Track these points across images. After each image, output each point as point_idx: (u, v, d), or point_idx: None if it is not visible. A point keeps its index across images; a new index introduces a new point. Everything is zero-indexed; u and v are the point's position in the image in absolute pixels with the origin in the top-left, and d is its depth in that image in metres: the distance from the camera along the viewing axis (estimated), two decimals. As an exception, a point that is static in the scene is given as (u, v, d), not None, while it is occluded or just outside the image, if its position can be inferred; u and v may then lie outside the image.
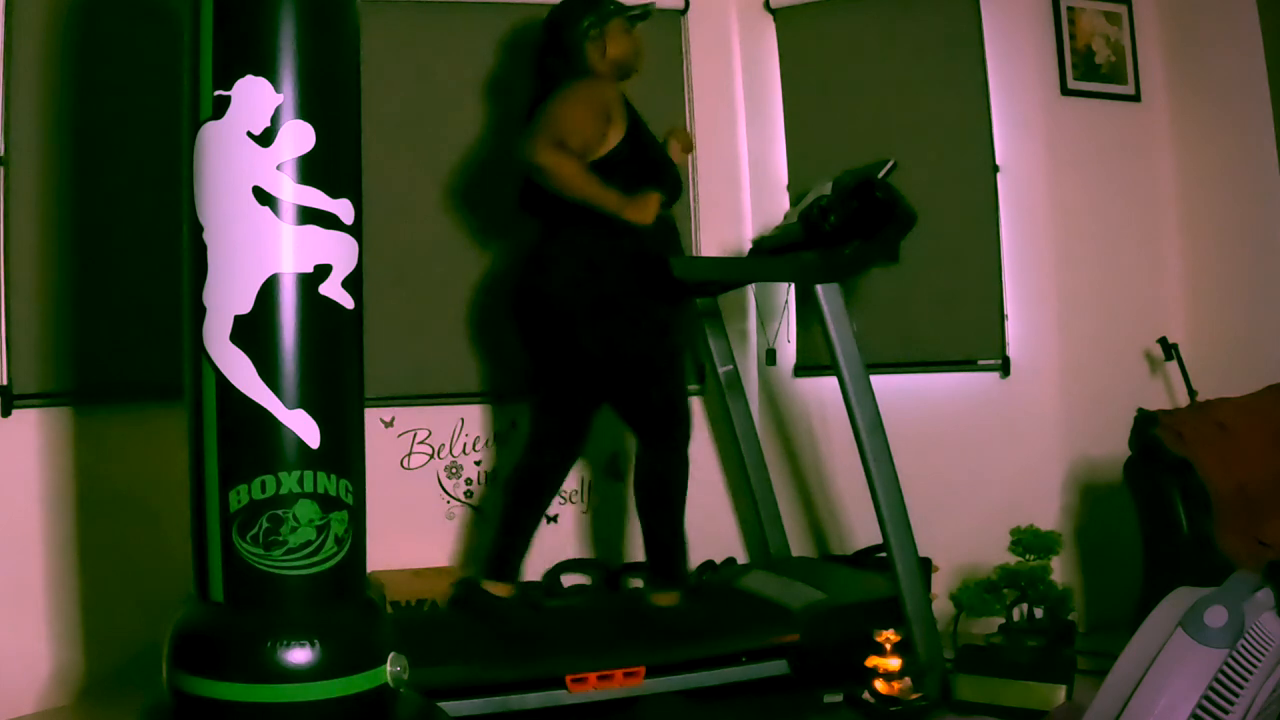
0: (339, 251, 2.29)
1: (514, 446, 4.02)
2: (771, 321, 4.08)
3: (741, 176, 4.31)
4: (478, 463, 4.00)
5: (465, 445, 3.99)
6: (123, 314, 3.49)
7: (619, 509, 4.04)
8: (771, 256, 3.53)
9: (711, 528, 4.13)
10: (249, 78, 2.22)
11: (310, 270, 2.25)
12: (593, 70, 3.30)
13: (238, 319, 2.22)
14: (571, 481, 3.92)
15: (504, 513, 3.37)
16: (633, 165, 3.23)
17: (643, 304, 3.24)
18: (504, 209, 3.58)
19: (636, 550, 3.95)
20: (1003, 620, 3.20)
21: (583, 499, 4.05)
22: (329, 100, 2.31)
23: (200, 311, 2.25)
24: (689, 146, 3.68)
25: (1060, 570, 3.50)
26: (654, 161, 3.33)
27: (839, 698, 3.11)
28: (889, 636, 3.02)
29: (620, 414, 3.37)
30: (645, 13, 3.39)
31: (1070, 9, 3.98)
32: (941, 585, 3.55)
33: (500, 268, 3.90)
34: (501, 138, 3.89)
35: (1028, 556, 3.23)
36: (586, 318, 3.19)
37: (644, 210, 3.13)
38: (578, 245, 3.21)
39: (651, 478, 3.31)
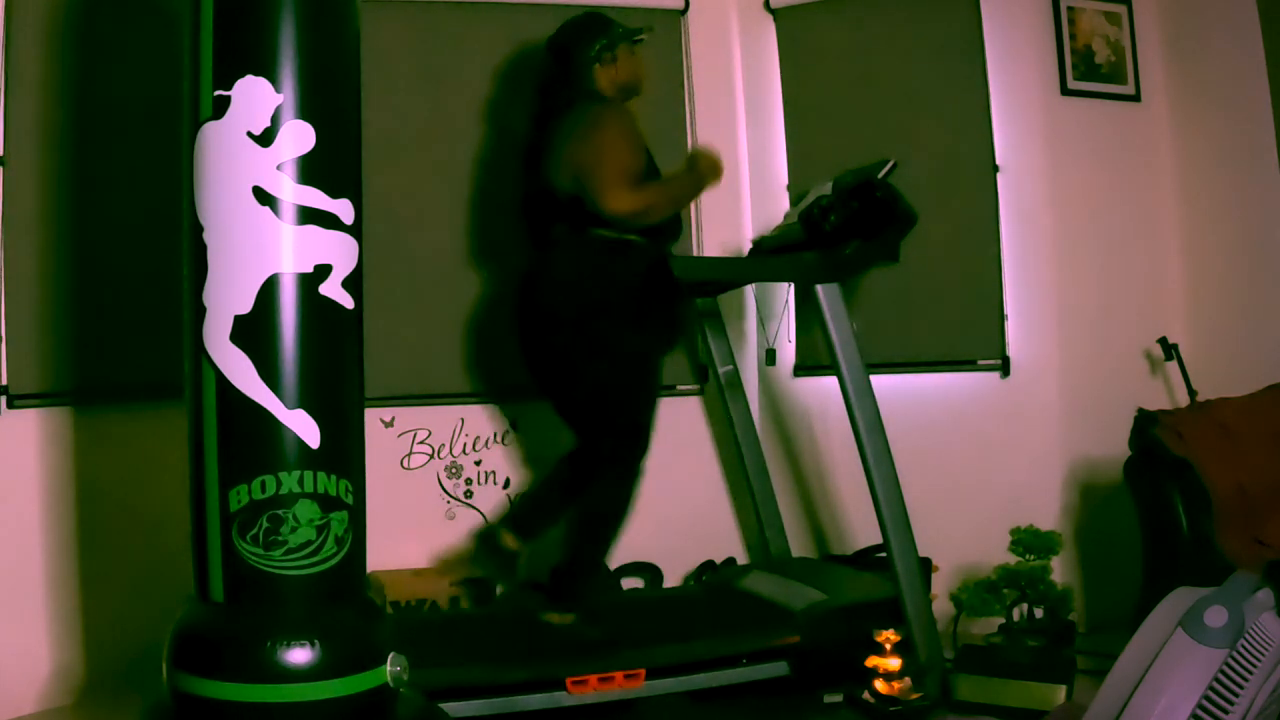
0: (339, 251, 2.29)
1: (514, 446, 4.03)
2: (771, 321, 4.08)
3: (741, 176, 4.31)
4: (478, 463, 4.00)
5: (465, 445, 3.98)
6: (122, 314, 3.49)
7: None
8: (771, 256, 3.53)
9: (711, 528, 4.14)
10: (249, 78, 2.22)
11: (310, 270, 2.25)
12: (601, 93, 3.30)
13: (238, 319, 2.22)
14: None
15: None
16: None
17: (632, 317, 3.25)
18: (505, 209, 3.58)
19: (634, 550, 3.94)
20: (1003, 620, 3.20)
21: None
22: (329, 100, 2.30)
23: (200, 311, 2.25)
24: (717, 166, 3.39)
25: (1060, 570, 3.50)
26: None
27: (839, 698, 3.12)
28: (889, 636, 3.02)
29: (577, 428, 3.34)
30: (642, 36, 3.40)
31: (1070, 9, 3.98)
32: (941, 585, 3.55)
33: (499, 267, 3.90)
34: (503, 143, 3.89)
35: (1028, 556, 3.24)
36: (575, 327, 3.20)
37: (713, 168, 3.30)
38: (572, 261, 3.23)
39: (596, 499, 3.29)
